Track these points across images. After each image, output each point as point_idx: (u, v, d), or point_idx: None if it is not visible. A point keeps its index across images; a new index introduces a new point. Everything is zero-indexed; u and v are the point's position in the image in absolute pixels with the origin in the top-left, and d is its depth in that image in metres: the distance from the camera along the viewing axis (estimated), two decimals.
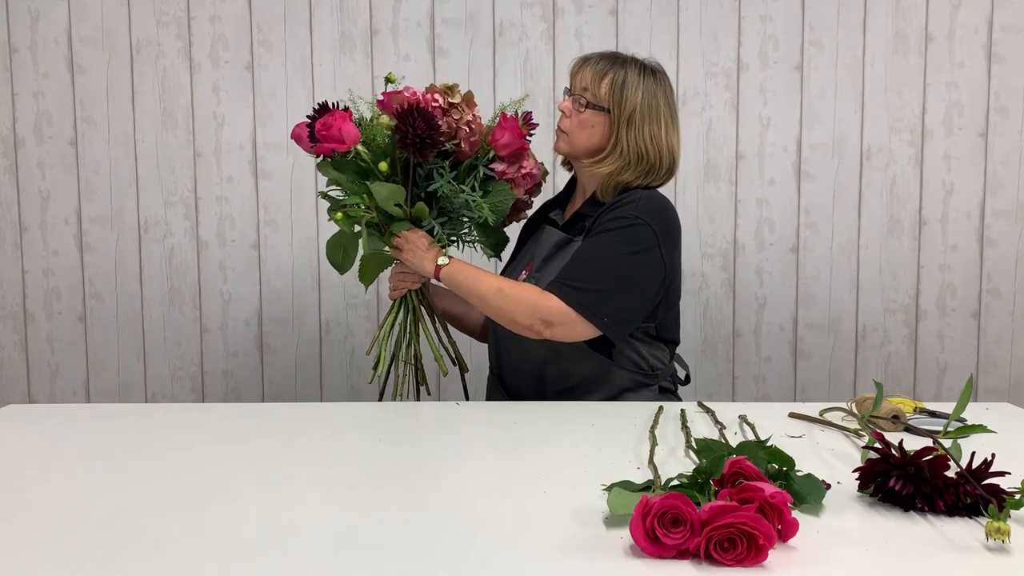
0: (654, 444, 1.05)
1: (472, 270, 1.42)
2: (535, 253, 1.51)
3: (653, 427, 1.14)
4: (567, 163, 1.57)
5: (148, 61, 2.22)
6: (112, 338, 2.28)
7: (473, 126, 1.42)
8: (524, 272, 1.49)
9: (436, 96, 1.39)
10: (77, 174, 2.25)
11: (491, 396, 1.60)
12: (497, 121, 1.44)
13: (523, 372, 1.50)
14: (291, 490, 0.92)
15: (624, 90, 1.40)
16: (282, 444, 1.11)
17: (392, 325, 1.53)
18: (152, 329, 2.28)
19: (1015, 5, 2.14)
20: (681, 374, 1.57)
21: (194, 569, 0.72)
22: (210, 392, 2.29)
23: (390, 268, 1.55)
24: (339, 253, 1.49)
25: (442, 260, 1.42)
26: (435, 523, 0.81)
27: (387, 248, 1.48)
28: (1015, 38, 2.14)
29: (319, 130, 1.37)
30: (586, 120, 1.43)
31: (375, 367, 1.50)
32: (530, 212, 1.61)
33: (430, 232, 1.46)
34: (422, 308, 1.54)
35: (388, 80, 1.46)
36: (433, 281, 1.51)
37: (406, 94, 1.39)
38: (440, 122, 1.37)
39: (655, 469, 0.91)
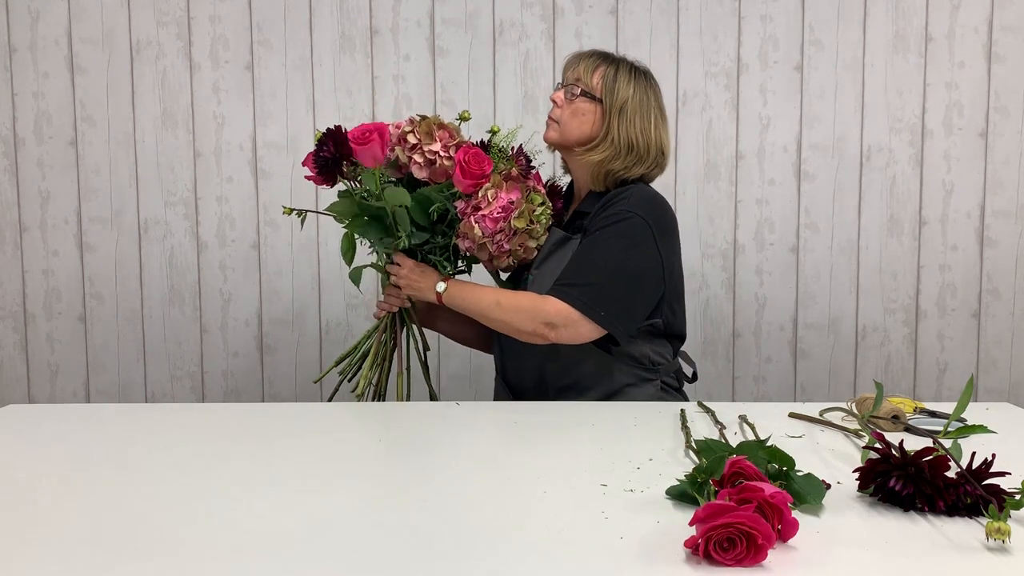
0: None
1: (469, 289, 1.43)
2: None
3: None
4: (563, 165, 1.58)
5: (148, 61, 2.22)
6: (112, 338, 2.28)
7: (435, 159, 1.38)
8: (525, 271, 1.50)
9: (400, 126, 1.41)
10: (77, 174, 2.25)
11: (498, 397, 1.61)
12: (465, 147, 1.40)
13: (525, 370, 1.50)
14: (291, 490, 0.92)
15: (616, 82, 1.44)
16: (282, 444, 1.11)
17: (380, 343, 1.51)
18: (152, 329, 2.28)
19: (1015, 5, 2.14)
20: (688, 371, 1.57)
21: (194, 569, 0.72)
22: (210, 392, 2.29)
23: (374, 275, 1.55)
24: (351, 252, 1.50)
25: (440, 287, 1.43)
26: (434, 523, 0.81)
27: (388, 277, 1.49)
28: (1015, 38, 2.14)
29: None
30: (578, 109, 1.44)
31: (355, 388, 1.49)
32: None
33: (428, 262, 1.47)
34: (413, 327, 1.54)
35: (462, 118, 1.44)
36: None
37: (391, 128, 1.42)
38: (391, 152, 1.40)
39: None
